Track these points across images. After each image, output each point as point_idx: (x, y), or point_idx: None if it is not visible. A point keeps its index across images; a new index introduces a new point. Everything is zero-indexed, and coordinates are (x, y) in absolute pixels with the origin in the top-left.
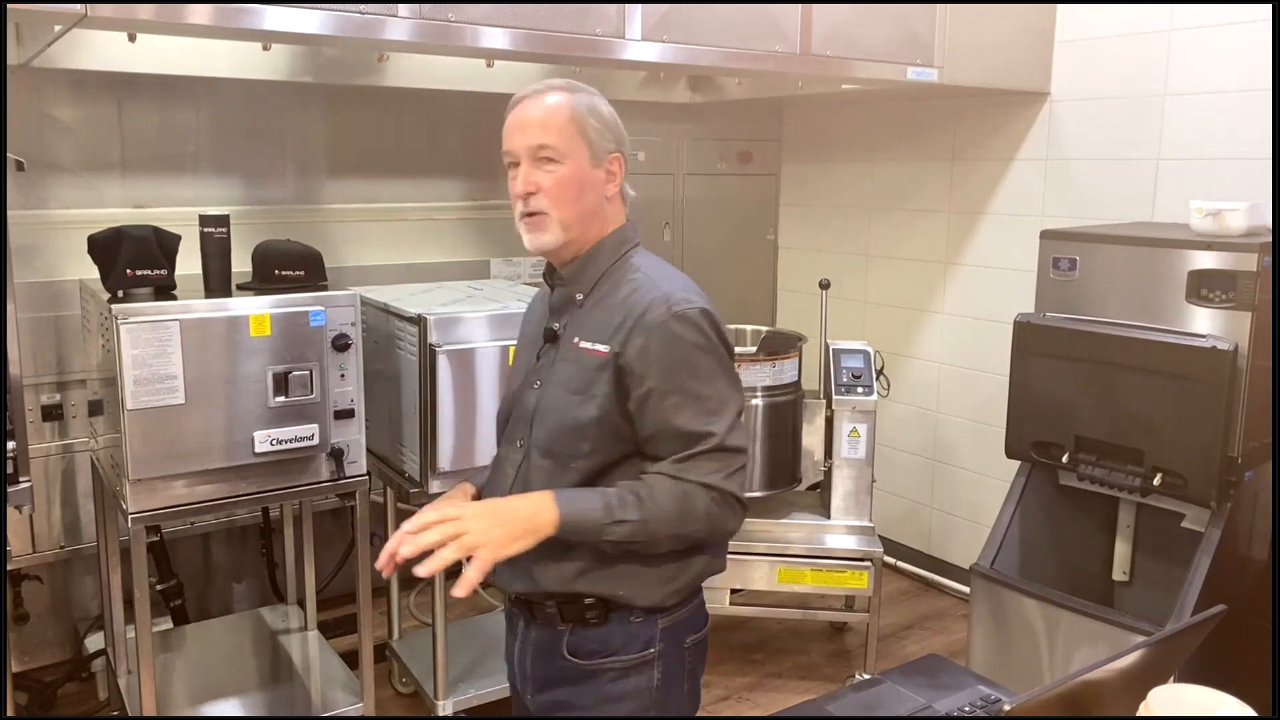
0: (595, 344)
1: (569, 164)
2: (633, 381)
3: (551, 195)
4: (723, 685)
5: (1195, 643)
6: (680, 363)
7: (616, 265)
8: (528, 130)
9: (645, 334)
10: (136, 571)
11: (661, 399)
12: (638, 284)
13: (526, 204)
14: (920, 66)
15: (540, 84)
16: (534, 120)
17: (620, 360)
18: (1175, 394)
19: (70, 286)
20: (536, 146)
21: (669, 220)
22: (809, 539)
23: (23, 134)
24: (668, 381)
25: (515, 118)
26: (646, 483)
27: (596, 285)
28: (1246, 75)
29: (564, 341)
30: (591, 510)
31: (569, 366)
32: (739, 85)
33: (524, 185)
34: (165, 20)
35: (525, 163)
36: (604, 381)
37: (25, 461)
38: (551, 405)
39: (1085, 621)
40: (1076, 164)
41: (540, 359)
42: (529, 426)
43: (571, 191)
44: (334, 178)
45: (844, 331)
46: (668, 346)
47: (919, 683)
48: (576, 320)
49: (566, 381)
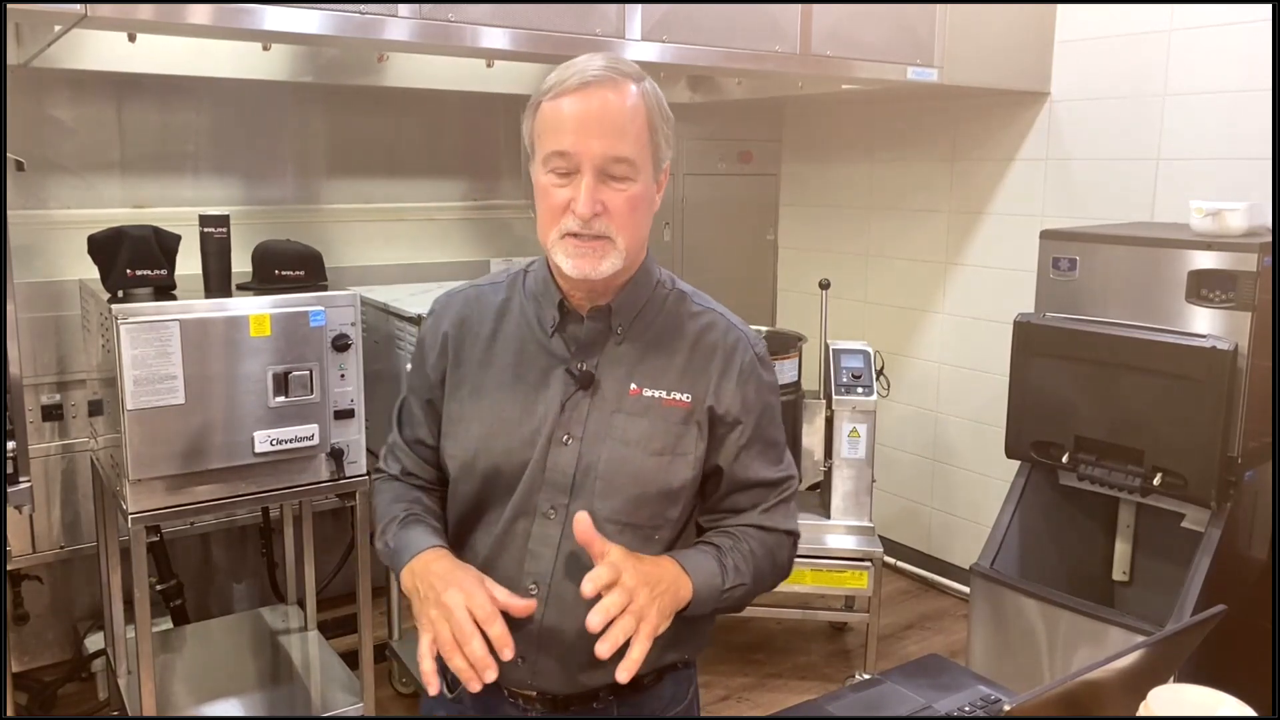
0: (674, 393)
1: (641, 181)
2: (727, 432)
3: (621, 219)
4: (723, 685)
5: (1195, 643)
6: (767, 409)
7: (656, 293)
8: (602, 134)
9: (740, 381)
10: (136, 571)
11: (751, 449)
12: (709, 320)
13: (589, 225)
14: (920, 66)
15: (596, 68)
16: (612, 123)
17: (717, 411)
18: (1175, 394)
19: (70, 286)
20: (612, 158)
21: (669, 220)
22: (809, 539)
23: (23, 134)
24: (759, 431)
25: (582, 113)
26: (738, 537)
27: (636, 318)
28: (1246, 75)
29: (609, 388)
30: (713, 578)
31: (641, 421)
32: (739, 85)
33: (590, 205)
34: (165, 20)
35: (590, 174)
36: (693, 437)
37: (25, 461)
38: (624, 469)
39: (1085, 621)
40: (1076, 164)
41: (566, 408)
42: (570, 493)
43: (642, 214)
44: (334, 178)
45: (844, 331)
46: (760, 393)
47: (919, 683)
48: (618, 361)
49: (643, 440)
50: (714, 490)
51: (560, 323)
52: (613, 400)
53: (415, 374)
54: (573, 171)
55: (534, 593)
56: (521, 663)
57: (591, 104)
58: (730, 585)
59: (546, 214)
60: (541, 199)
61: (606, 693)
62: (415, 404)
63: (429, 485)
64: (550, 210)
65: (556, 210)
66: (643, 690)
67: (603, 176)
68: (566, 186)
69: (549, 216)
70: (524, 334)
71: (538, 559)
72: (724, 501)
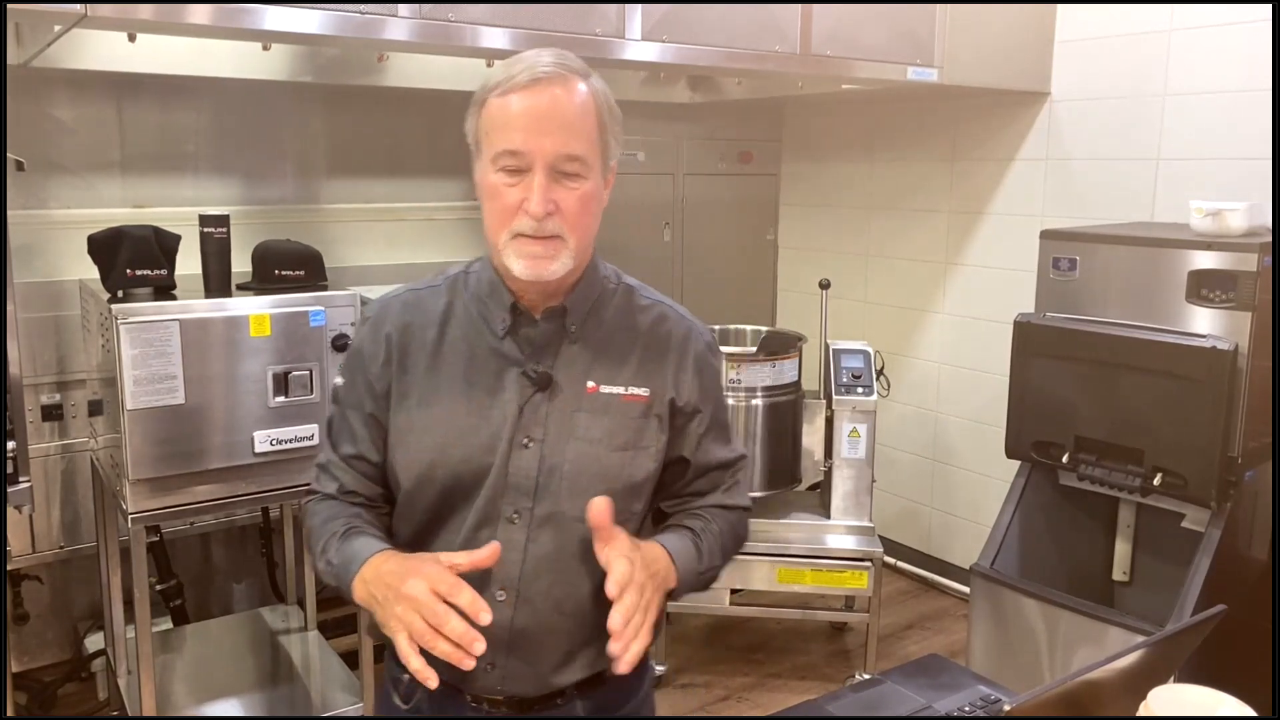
0: (631, 388)
1: (592, 179)
2: (686, 422)
3: (573, 218)
4: (723, 685)
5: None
6: (719, 392)
7: (605, 290)
8: (553, 131)
9: (696, 370)
10: (136, 571)
11: (710, 434)
12: (659, 312)
13: (542, 226)
14: (920, 66)
15: (546, 64)
16: (563, 119)
17: (678, 403)
18: (1175, 394)
19: (70, 286)
20: (565, 157)
21: (669, 220)
22: (809, 539)
23: (23, 134)
24: (715, 416)
25: (533, 110)
26: (707, 519)
27: (589, 316)
28: (1246, 75)
29: (567, 387)
30: (692, 562)
31: (602, 418)
32: (739, 85)
33: (543, 204)
34: (165, 20)
35: (542, 173)
36: (654, 430)
37: (25, 461)
38: (590, 467)
39: (1085, 621)
40: (1076, 164)
41: (525, 410)
42: (535, 496)
43: (593, 212)
44: (334, 178)
45: (844, 331)
46: (714, 380)
47: (919, 683)
48: (573, 360)
49: (606, 437)
50: (677, 478)
51: (512, 325)
52: (572, 400)
53: (350, 387)
54: (523, 170)
55: (501, 599)
56: (491, 669)
57: (542, 101)
58: (705, 568)
59: (496, 214)
60: (491, 199)
61: (572, 689)
62: (354, 418)
63: (369, 502)
64: (501, 211)
65: (508, 210)
66: (605, 682)
67: (554, 175)
68: (517, 186)
69: (499, 217)
70: (472, 338)
71: (504, 564)
72: (688, 487)
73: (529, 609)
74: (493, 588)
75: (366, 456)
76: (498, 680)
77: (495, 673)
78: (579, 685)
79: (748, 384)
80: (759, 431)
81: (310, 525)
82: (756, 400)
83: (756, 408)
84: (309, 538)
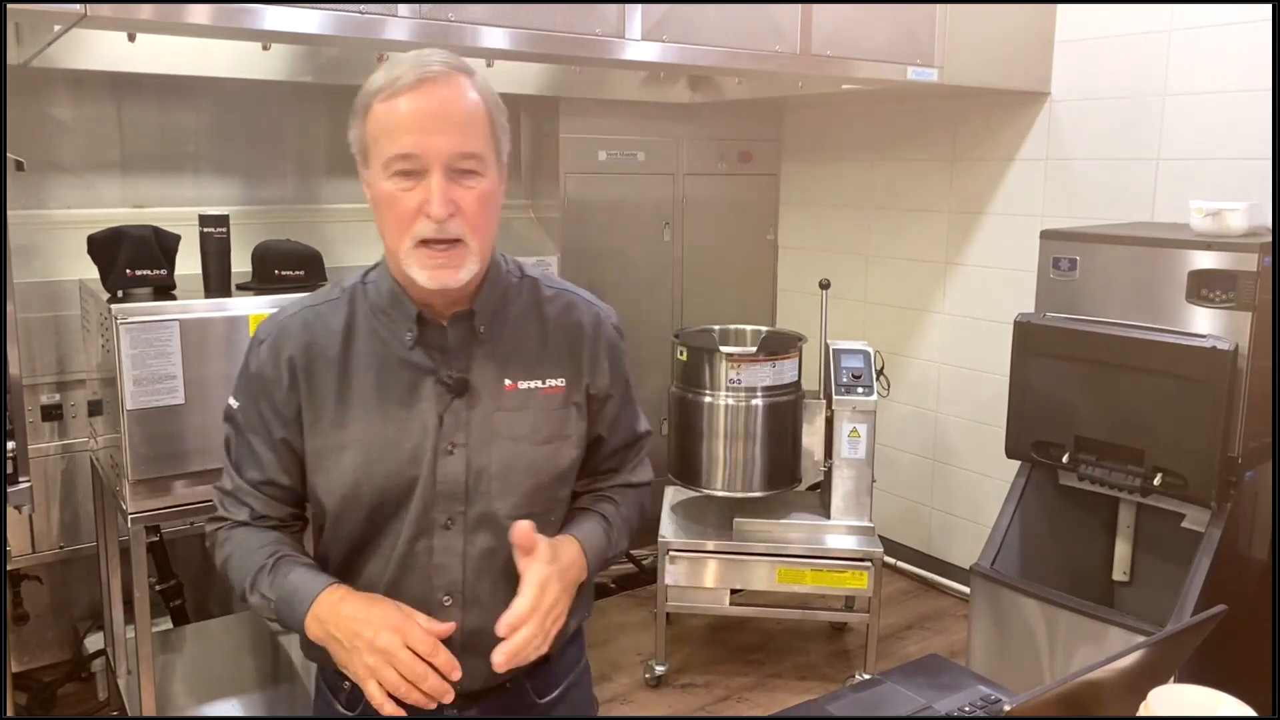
0: (548, 380)
1: (489, 176)
2: (601, 407)
3: (474, 218)
4: (723, 685)
5: (1195, 643)
6: (627, 373)
7: (510, 285)
8: (447, 130)
9: (608, 354)
10: (136, 572)
11: (623, 413)
12: (566, 300)
13: (444, 229)
14: (920, 66)
15: (431, 59)
16: (456, 118)
17: (592, 389)
18: (1175, 394)
19: (70, 286)
20: (461, 154)
21: (669, 220)
22: (809, 539)
23: (23, 134)
24: (626, 396)
25: (423, 111)
26: (617, 501)
27: (495, 314)
28: (1246, 75)
29: (484, 389)
30: (603, 550)
31: (523, 415)
32: (739, 85)
33: (444, 205)
34: (165, 20)
35: (439, 173)
36: (574, 418)
37: (25, 461)
38: (517, 464)
39: (1085, 621)
40: (1076, 164)
41: (445, 418)
42: (466, 499)
43: (493, 211)
44: (334, 178)
45: (844, 331)
46: (623, 361)
47: (919, 683)
48: (486, 360)
49: (530, 432)
50: (590, 458)
51: (419, 334)
52: (490, 400)
53: (251, 411)
54: (418, 172)
55: (449, 604)
56: None
57: (431, 101)
58: (613, 554)
59: (395, 223)
60: (386, 208)
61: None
62: (259, 443)
63: (282, 524)
64: (398, 219)
65: (406, 217)
66: (550, 659)
67: (451, 175)
68: (414, 190)
69: (398, 225)
70: (379, 351)
71: (445, 571)
72: (600, 465)
73: (478, 609)
74: (437, 595)
75: (276, 480)
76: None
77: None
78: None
79: (748, 384)
80: (759, 431)
81: (226, 554)
82: (756, 400)
83: (756, 408)
84: (226, 568)
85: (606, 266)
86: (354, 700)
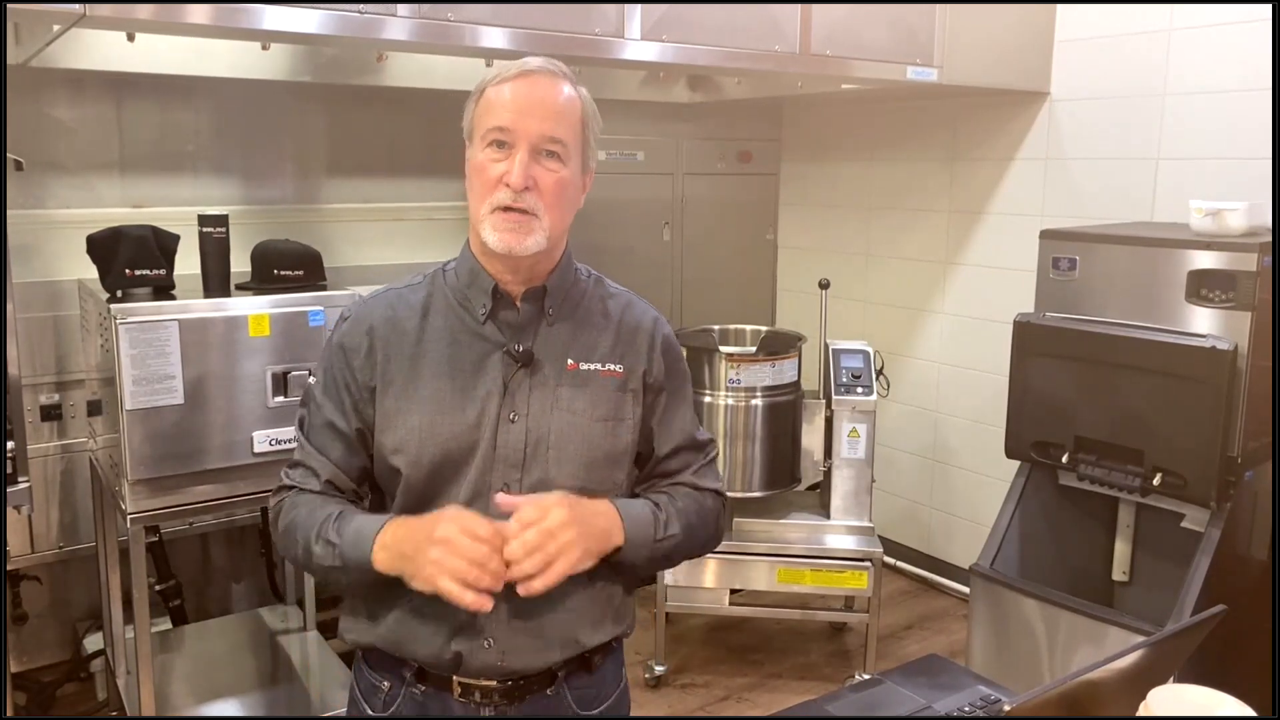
0: (608, 364)
1: (570, 168)
2: (656, 398)
3: (549, 197)
4: (723, 685)
5: (1195, 643)
6: (685, 378)
7: (579, 278)
8: (541, 116)
9: (663, 351)
10: (135, 572)
11: (678, 411)
12: (626, 300)
13: (519, 199)
14: (920, 66)
15: (539, 62)
16: (550, 107)
17: (649, 380)
18: (1175, 394)
19: (69, 286)
20: (548, 138)
21: (669, 220)
22: (809, 539)
23: (22, 134)
24: (683, 395)
25: (523, 95)
26: (672, 494)
27: (564, 300)
28: (1246, 75)
29: (548, 365)
30: (646, 525)
31: (583, 391)
32: (739, 85)
33: (523, 177)
34: (164, 20)
35: (525, 150)
36: (630, 403)
37: (24, 462)
38: (574, 436)
39: (1085, 621)
40: (1076, 164)
41: (509, 387)
42: (523, 467)
43: (568, 199)
44: (333, 178)
45: (844, 331)
46: (679, 363)
47: (919, 683)
48: (551, 340)
49: (588, 408)
50: (648, 458)
51: (493, 309)
52: (553, 376)
53: (329, 381)
54: (509, 146)
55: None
56: (490, 644)
57: (534, 89)
58: (662, 536)
59: (480, 189)
60: (475, 176)
61: (564, 675)
62: (334, 412)
63: (351, 498)
64: (484, 185)
65: (489, 184)
66: (594, 670)
67: (536, 154)
68: (502, 161)
69: (482, 190)
70: (453, 324)
71: None
72: (658, 467)
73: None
74: None
75: (345, 455)
76: (496, 657)
77: (494, 649)
78: (569, 673)
79: (747, 384)
80: (759, 431)
81: (292, 517)
82: (756, 400)
83: (756, 408)
84: (293, 527)
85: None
86: (390, 700)
